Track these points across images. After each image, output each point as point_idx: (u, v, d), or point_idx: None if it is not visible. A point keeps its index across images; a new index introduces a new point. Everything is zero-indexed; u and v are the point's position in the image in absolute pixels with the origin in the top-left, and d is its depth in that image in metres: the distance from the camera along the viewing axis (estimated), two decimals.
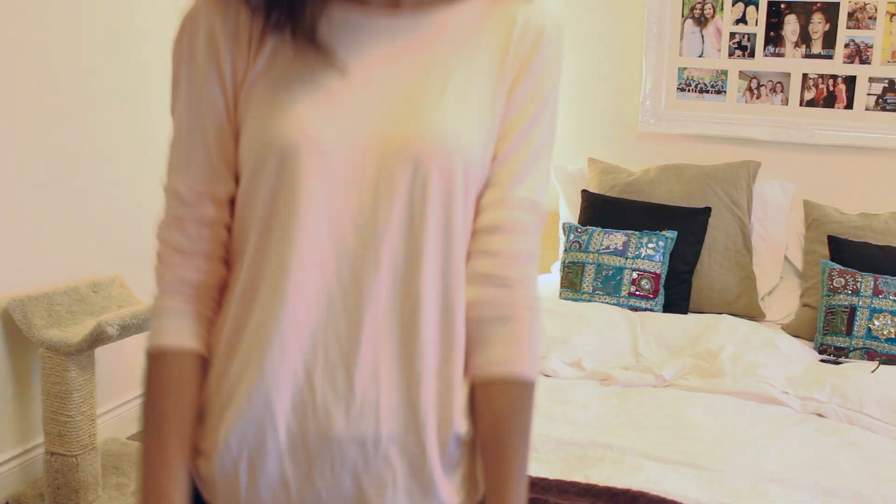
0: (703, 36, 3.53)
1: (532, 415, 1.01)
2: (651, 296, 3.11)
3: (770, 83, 3.47)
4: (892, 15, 3.27)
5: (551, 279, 3.48)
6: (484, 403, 0.99)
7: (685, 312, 3.15)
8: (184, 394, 0.98)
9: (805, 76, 3.42)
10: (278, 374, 0.94)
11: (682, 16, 3.54)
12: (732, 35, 3.49)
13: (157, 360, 0.98)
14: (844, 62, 3.36)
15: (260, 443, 0.96)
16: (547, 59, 1.02)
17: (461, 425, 1.00)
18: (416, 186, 0.94)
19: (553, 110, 1.03)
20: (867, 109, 3.35)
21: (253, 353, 0.95)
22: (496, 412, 0.99)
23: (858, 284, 2.88)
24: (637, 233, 3.17)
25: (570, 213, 3.58)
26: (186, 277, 0.99)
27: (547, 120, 1.02)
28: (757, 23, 3.45)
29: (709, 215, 3.23)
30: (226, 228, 1.00)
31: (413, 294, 0.95)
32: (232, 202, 1.00)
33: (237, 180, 1.00)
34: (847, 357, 2.83)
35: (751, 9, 3.45)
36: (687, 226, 3.21)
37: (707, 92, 3.56)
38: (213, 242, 1.00)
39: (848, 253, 3.01)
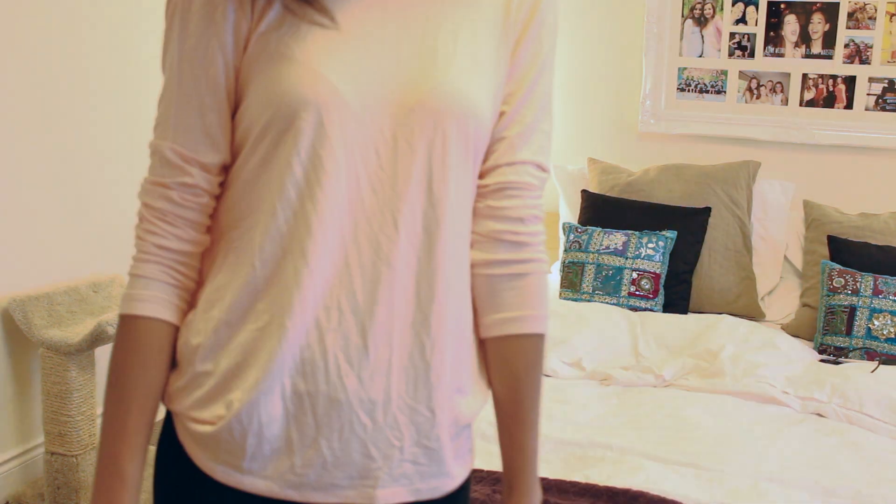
0: (703, 36, 3.53)
1: (543, 368, 1.04)
2: (651, 296, 3.11)
3: (770, 83, 3.47)
4: (892, 15, 3.27)
5: (551, 279, 3.48)
6: (501, 361, 1.01)
7: (685, 312, 3.15)
8: (151, 365, 0.96)
9: (805, 76, 3.42)
10: (296, 338, 0.92)
11: (682, 16, 3.54)
12: (732, 35, 3.49)
13: (128, 328, 0.97)
14: (844, 62, 3.36)
15: (272, 410, 0.94)
16: (546, 22, 1.02)
17: (472, 393, 1.00)
18: (435, 146, 0.94)
19: (551, 72, 1.04)
20: (867, 109, 3.35)
21: (274, 321, 0.92)
22: (514, 369, 1.00)
23: (858, 284, 2.88)
24: (637, 233, 3.17)
25: (570, 213, 3.58)
26: (167, 245, 0.96)
27: (547, 81, 1.03)
28: (757, 23, 3.45)
29: (709, 215, 3.23)
30: (213, 197, 0.98)
31: (431, 256, 0.94)
32: (223, 170, 0.97)
33: (233, 147, 0.97)
34: (847, 357, 2.83)
35: (751, 9, 3.45)
36: (687, 226, 3.21)
37: (707, 92, 3.56)
38: (197, 211, 0.96)
39: (848, 253, 3.01)
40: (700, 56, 3.54)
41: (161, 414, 1.04)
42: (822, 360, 2.79)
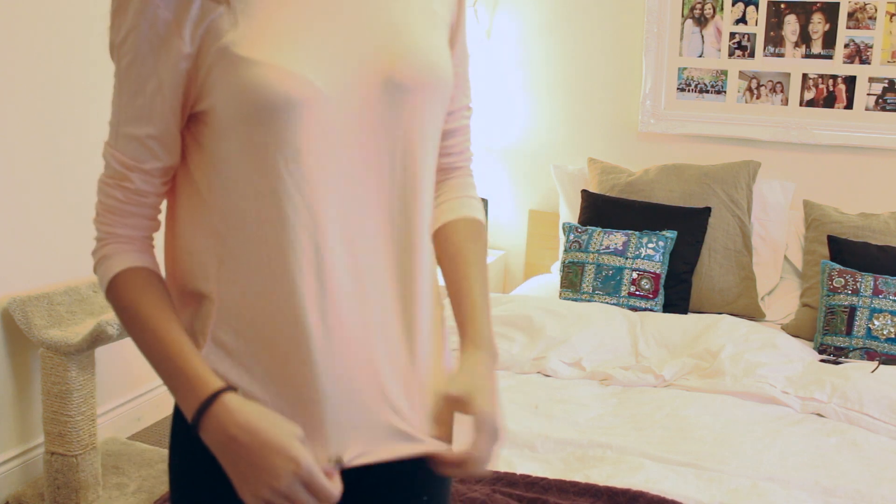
0: (703, 36, 3.53)
1: (485, 249, 1.15)
2: (651, 296, 3.11)
3: (770, 83, 3.47)
4: (892, 15, 3.27)
5: (551, 279, 3.48)
6: (445, 240, 1.12)
7: (685, 312, 3.15)
8: (154, 291, 1.00)
9: (805, 76, 3.42)
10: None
11: (682, 16, 3.54)
12: (732, 35, 3.49)
13: (117, 285, 1.00)
14: (844, 62, 3.36)
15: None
16: None
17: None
18: (412, 119, 1.00)
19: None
20: (867, 109, 3.35)
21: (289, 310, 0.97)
22: (456, 242, 1.11)
23: (858, 284, 2.88)
24: (637, 233, 3.17)
25: (570, 213, 3.58)
26: (119, 233, 1.02)
27: (464, 36, 1.13)
28: (757, 23, 3.45)
29: (709, 215, 3.23)
30: (158, 196, 1.03)
31: (410, 228, 1.03)
32: (167, 171, 1.02)
33: (204, 150, 0.99)
34: (847, 357, 2.83)
35: (751, 9, 3.45)
36: (687, 226, 3.21)
37: (707, 92, 3.56)
38: (143, 206, 1.02)
39: (848, 253, 3.01)
40: (700, 56, 3.54)
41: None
42: (822, 360, 2.79)
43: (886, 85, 3.32)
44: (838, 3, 3.32)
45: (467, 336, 1.07)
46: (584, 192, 3.42)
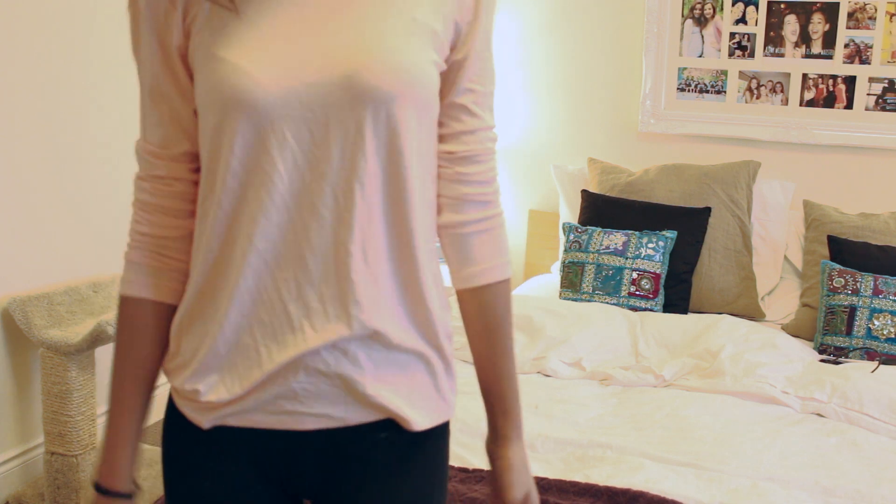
0: (703, 36, 3.53)
1: (511, 307, 1.15)
2: (651, 296, 3.11)
3: (770, 83, 3.47)
4: (892, 15, 3.27)
5: (551, 279, 3.48)
6: (480, 307, 1.11)
7: (685, 312, 3.15)
8: (138, 339, 1.08)
9: (805, 76, 3.42)
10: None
11: (682, 16, 3.54)
12: (732, 35, 3.49)
13: (120, 308, 1.09)
14: (844, 62, 3.36)
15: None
16: None
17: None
18: (375, 122, 0.97)
19: (491, 30, 1.09)
20: (867, 109, 3.35)
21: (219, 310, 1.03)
22: (493, 312, 1.11)
23: (858, 284, 2.88)
24: (637, 233, 3.17)
25: (570, 213, 3.58)
26: (145, 231, 1.07)
27: (490, 40, 1.08)
28: (757, 23, 3.45)
29: (709, 215, 3.23)
30: (186, 182, 1.06)
31: (365, 231, 0.99)
32: (193, 156, 1.05)
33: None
34: (847, 357, 2.83)
35: (751, 9, 3.45)
36: (687, 226, 3.21)
37: (707, 92, 3.56)
38: (171, 198, 1.06)
39: (848, 253, 3.01)
40: (700, 56, 3.54)
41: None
42: (822, 360, 2.79)
43: (886, 85, 3.32)
44: (838, 3, 3.32)
45: (501, 409, 1.13)
46: (584, 192, 3.42)
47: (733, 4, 3.47)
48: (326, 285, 0.99)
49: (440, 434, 1.11)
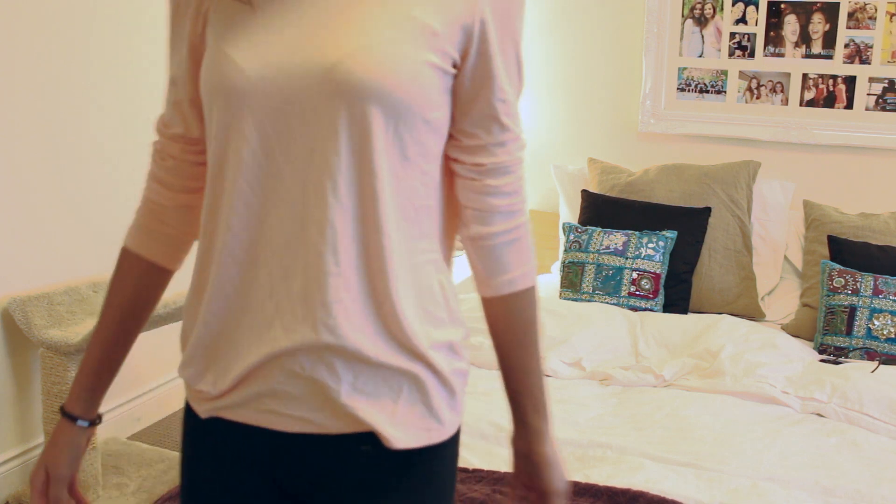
0: (703, 36, 3.53)
1: (539, 310, 1.15)
2: (651, 296, 3.11)
3: (770, 83, 3.47)
4: (892, 15, 3.27)
5: (551, 279, 3.49)
6: (509, 314, 1.10)
7: (685, 312, 3.15)
8: (119, 281, 1.15)
9: (805, 76, 3.42)
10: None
11: (682, 16, 3.54)
12: (732, 35, 3.49)
13: (119, 255, 1.16)
14: (844, 62, 3.36)
15: None
16: None
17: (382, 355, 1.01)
18: (339, 119, 0.95)
19: (517, 35, 1.04)
20: (867, 109, 3.35)
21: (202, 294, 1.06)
22: (523, 317, 1.11)
23: (858, 284, 2.88)
24: (637, 233, 3.17)
25: (570, 213, 3.58)
26: (147, 196, 1.14)
27: (513, 46, 1.04)
28: (757, 23, 3.45)
29: (709, 215, 3.23)
30: (178, 161, 1.11)
31: (337, 232, 0.96)
32: (190, 141, 1.11)
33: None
34: (847, 357, 2.83)
35: (751, 9, 3.45)
36: (687, 226, 3.21)
37: (707, 92, 3.56)
38: (164, 171, 1.12)
39: (848, 253, 3.01)
40: (700, 56, 3.54)
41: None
42: (822, 360, 2.79)
43: (886, 85, 3.32)
44: (838, 3, 3.32)
45: (529, 406, 1.13)
46: (584, 192, 3.42)
47: (733, 4, 3.47)
48: (296, 284, 0.97)
49: (434, 455, 1.06)
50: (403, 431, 1.01)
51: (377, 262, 0.98)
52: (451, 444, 1.08)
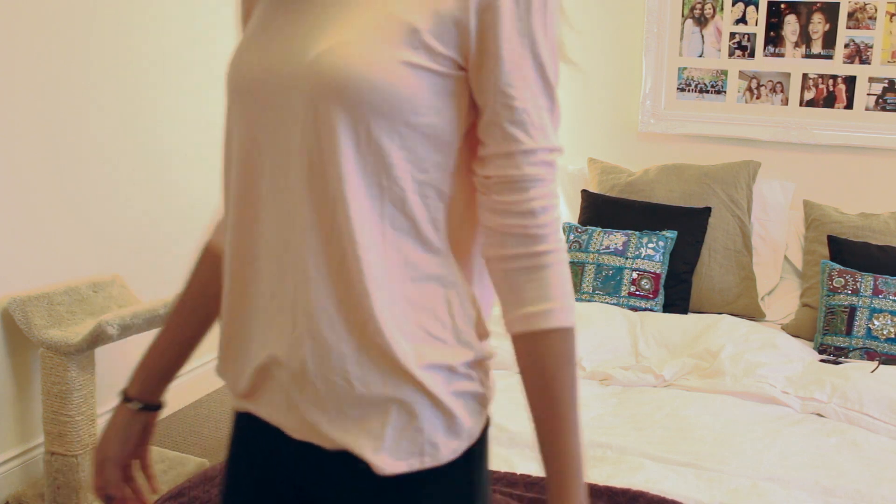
0: (703, 36, 3.53)
1: (575, 363, 0.97)
2: (651, 296, 3.11)
3: (770, 83, 3.47)
4: (892, 15, 3.27)
5: None
6: (530, 359, 0.96)
7: (685, 312, 3.15)
8: (196, 271, 1.16)
9: (805, 76, 3.42)
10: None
11: (682, 16, 3.54)
12: (732, 35, 3.49)
13: (202, 246, 1.18)
14: (844, 62, 3.36)
15: None
16: None
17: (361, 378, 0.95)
18: (312, 120, 0.91)
19: (535, 41, 0.93)
20: (867, 109, 3.35)
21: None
22: (545, 366, 0.95)
23: (858, 284, 2.88)
24: (637, 233, 3.17)
25: (570, 213, 3.58)
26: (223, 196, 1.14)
27: (530, 53, 0.93)
28: (757, 23, 3.45)
29: (709, 215, 3.23)
30: None
31: (308, 240, 0.93)
32: None
33: None
34: (847, 357, 2.83)
35: (751, 9, 3.45)
36: (687, 226, 3.21)
37: (707, 92, 3.56)
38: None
39: (848, 253, 3.01)
40: (700, 56, 3.54)
41: None
42: (822, 360, 2.79)
43: (886, 85, 3.32)
44: (838, 3, 3.32)
45: (557, 493, 0.97)
46: (584, 192, 3.42)
47: (733, 4, 3.47)
48: (289, 286, 0.94)
49: (428, 481, 0.97)
50: (392, 456, 0.94)
51: (355, 273, 0.90)
52: (453, 470, 0.98)
